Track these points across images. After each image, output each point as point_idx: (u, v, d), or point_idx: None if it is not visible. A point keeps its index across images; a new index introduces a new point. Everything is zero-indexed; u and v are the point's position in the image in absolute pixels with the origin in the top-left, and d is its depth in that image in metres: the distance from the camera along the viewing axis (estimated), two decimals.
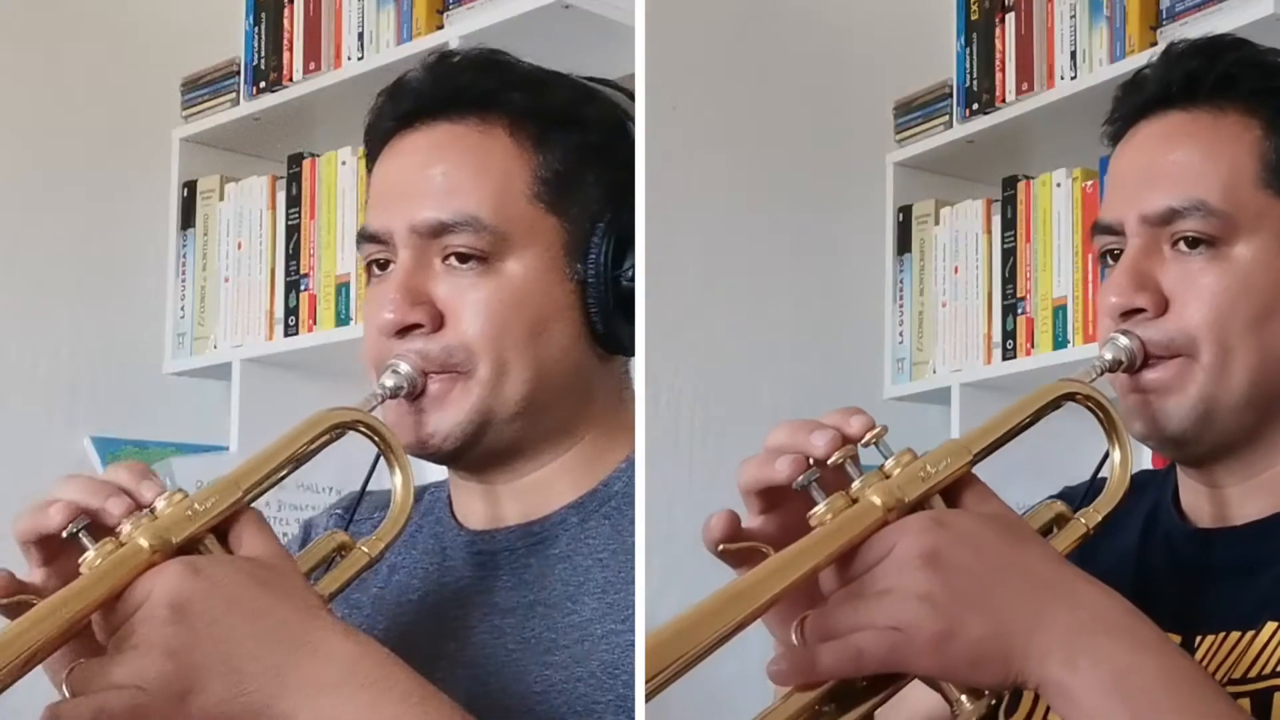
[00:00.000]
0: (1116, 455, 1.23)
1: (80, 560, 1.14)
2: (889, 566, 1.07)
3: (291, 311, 2.89)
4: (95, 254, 3.01)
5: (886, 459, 1.13)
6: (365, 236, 1.37)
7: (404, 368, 1.31)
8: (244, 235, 2.99)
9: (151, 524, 1.14)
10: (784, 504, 1.16)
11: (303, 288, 2.88)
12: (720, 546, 1.12)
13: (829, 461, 1.12)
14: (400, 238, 1.33)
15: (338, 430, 1.26)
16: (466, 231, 1.31)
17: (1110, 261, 1.32)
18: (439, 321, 1.31)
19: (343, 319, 2.80)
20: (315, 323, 2.86)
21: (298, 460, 1.24)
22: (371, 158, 1.42)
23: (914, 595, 1.05)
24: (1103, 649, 1.05)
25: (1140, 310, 1.27)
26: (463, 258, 1.32)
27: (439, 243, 1.32)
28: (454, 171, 1.33)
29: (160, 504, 1.16)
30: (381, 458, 1.30)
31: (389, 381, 1.30)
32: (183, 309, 3.05)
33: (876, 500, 1.10)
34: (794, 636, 1.08)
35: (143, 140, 3.06)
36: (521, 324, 1.31)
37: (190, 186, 3.06)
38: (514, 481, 1.36)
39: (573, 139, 1.35)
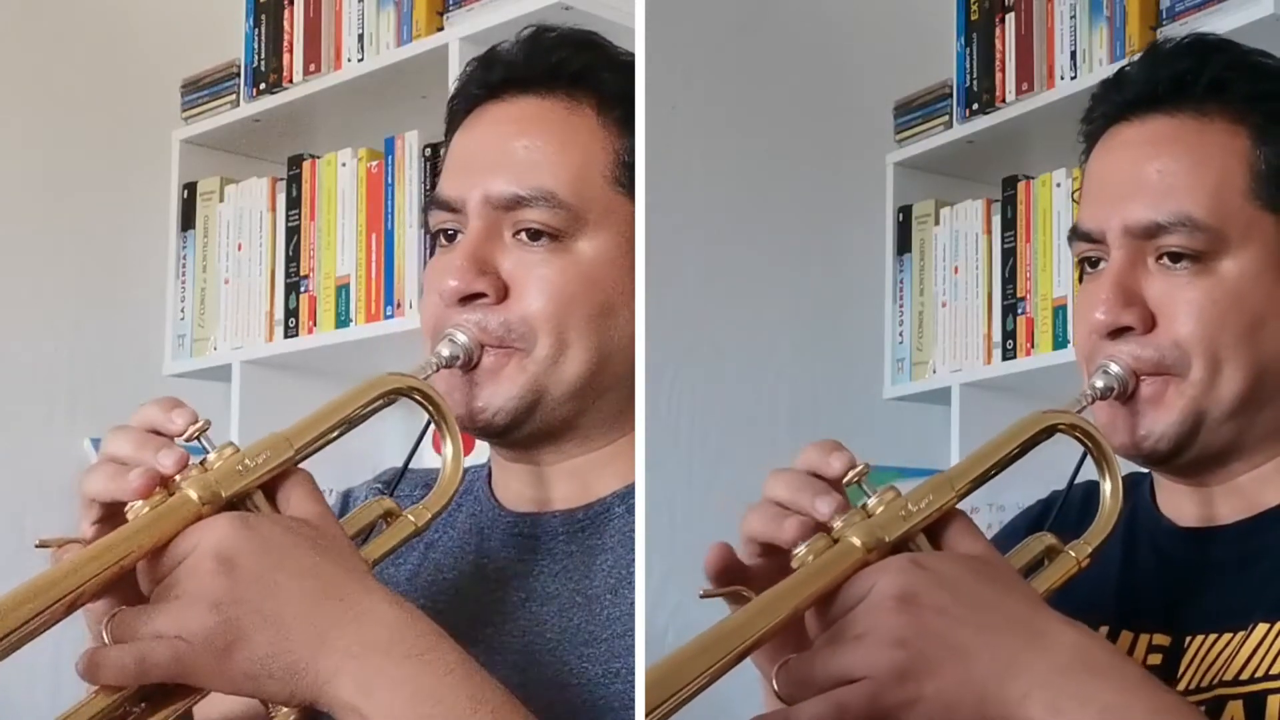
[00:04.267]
0: (1107, 486, 1.21)
1: (128, 508, 1.11)
2: (865, 610, 1.06)
3: (291, 313, 2.89)
4: (95, 255, 3.02)
5: (870, 496, 1.12)
6: (437, 204, 1.34)
7: (461, 337, 1.29)
8: (244, 237, 2.98)
9: (202, 476, 1.12)
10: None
11: (303, 289, 2.88)
12: (701, 591, 1.11)
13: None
14: (473, 208, 1.31)
15: (392, 396, 1.24)
16: (541, 207, 1.29)
17: (1089, 268, 1.29)
18: (503, 294, 1.29)
19: (343, 321, 2.80)
20: (315, 324, 2.85)
21: (350, 423, 1.21)
22: (453, 125, 1.39)
23: (887, 640, 1.04)
24: (1088, 690, 1.04)
25: (1127, 328, 1.24)
26: (534, 234, 1.30)
27: (511, 216, 1.30)
28: (536, 146, 1.31)
29: (211, 456, 1.13)
30: (430, 428, 1.27)
31: (445, 350, 1.29)
32: (183, 310, 3.04)
33: (857, 541, 1.09)
34: (774, 682, 1.07)
35: (143, 142, 3.07)
36: (588, 305, 1.30)
37: (190, 188, 3.06)
38: (562, 463, 1.34)
39: None
